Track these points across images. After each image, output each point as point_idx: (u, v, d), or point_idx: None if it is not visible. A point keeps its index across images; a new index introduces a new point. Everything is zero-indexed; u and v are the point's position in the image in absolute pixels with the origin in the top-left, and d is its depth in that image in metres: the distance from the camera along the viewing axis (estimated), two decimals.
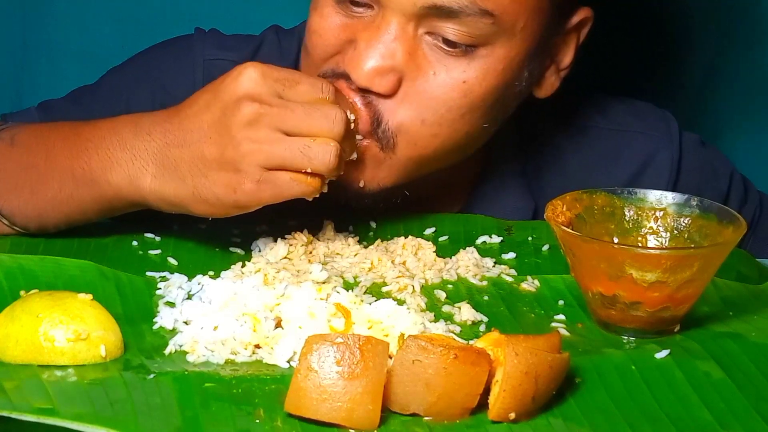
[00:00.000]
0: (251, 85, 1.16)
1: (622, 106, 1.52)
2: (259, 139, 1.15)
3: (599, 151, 1.49)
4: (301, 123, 1.16)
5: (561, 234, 1.13)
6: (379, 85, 1.24)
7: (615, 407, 1.02)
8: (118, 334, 1.06)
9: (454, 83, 1.25)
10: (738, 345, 1.11)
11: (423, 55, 1.25)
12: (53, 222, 1.27)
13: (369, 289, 1.20)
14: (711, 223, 1.16)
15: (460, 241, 1.34)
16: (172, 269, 1.23)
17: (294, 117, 1.16)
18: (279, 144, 1.15)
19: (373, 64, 1.24)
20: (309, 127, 1.16)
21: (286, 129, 1.16)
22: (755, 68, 1.84)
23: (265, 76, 1.16)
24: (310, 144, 1.15)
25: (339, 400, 0.95)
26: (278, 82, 1.17)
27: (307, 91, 1.18)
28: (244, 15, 1.81)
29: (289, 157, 1.15)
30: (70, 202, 1.24)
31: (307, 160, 1.15)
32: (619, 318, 1.13)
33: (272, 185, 1.16)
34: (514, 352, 0.97)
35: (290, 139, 1.16)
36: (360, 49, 1.24)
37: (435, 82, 1.25)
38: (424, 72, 1.25)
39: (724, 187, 1.52)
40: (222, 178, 1.16)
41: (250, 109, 1.15)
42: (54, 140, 1.26)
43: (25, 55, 1.85)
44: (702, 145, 1.53)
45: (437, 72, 1.25)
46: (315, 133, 1.16)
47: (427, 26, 1.24)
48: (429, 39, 1.25)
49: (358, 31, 1.25)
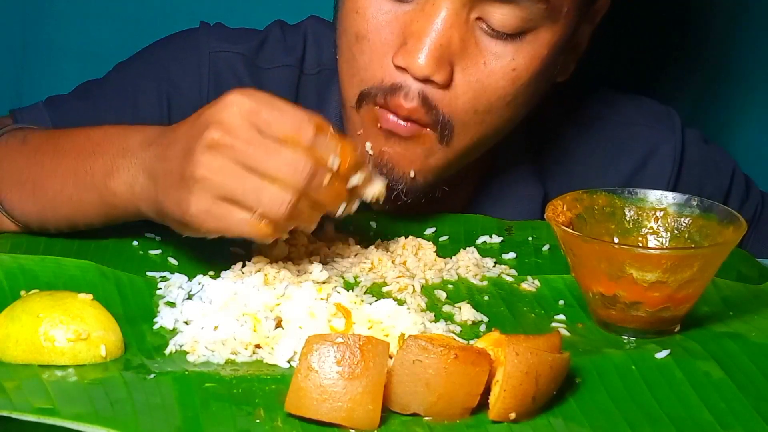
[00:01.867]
0: (227, 113, 1.09)
1: (627, 100, 1.53)
2: (215, 168, 1.09)
3: (604, 142, 1.49)
4: (261, 163, 1.08)
5: (561, 234, 1.13)
6: (438, 75, 1.23)
7: (615, 407, 1.02)
8: (118, 334, 1.06)
9: (504, 72, 1.25)
10: (738, 345, 1.11)
11: (474, 42, 1.24)
12: (53, 222, 1.26)
13: (369, 289, 1.20)
14: (711, 223, 1.16)
15: (461, 241, 1.34)
16: (173, 269, 1.23)
17: (256, 154, 1.08)
18: (234, 179, 1.08)
19: (431, 54, 1.22)
20: (267, 168, 1.08)
21: (246, 165, 1.08)
22: (758, 68, 1.84)
23: (243, 107, 1.09)
24: (265, 187, 1.08)
25: (339, 400, 0.95)
26: (257, 114, 1.09)
27: (284, 129, 1.09)
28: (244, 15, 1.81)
29: (241, 195, 1.08)
30: (70, 203, 1.24)
31: (256, 202, 1.08)
32: (619, 318, 1.13)
33: (218, 218, 1.10)
34: (515, 352, 0.97)
35: (246, 176, 1.08)
36: (416, 40, 1.23)
37: (486, 71, 1.25)
38: (476, 61, 1.25)
39: (725, 183, 1.53)
40: (176, 196, 1.12)
41: (215, 135, 1.09)
42: (64, 142, 1.26)
43: (25, 55, 1.85)
44: (704, 141, 1.53)
45: (487, 61, 1.25)
46: (273, 176, 1.08)
47: (479, 11, 1.23)
48: (481, 24, 1.24)
49: (408, 24, 1.24)
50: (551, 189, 1.46)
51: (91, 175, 1.21)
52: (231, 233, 1.11)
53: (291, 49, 1.47)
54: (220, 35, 1.48)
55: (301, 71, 1.47)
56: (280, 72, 1.47)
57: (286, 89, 1.46)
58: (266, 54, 1.47)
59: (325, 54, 1.41)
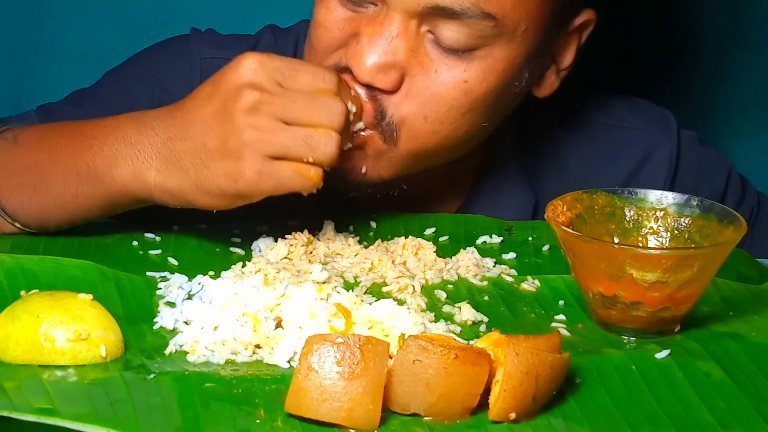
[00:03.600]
0: (251, 74, 1.16)
1: (621, 103, 1.53)
2: (261, 127, 1.15)
3: (599, 146, 1.49)
4: (302, 113, 1.16)
5: (561, 234, 1.13)
6: (380, 81, 1.24)
7: (615, 407, 1.02)
8: (118, 334, 1.06)
9: (455, 82, 1.26)
10: (738, 345, 1.11)
11: (425, 52, 1.25)
12: (55, 221, 1.27)
13: (369, 289, 1.20)
14: (711, 223, 1.16)
15: (461, 241, 1.34)
16: (173, 269, 1.23)
17: (295, 107, 1.16)
18: (281, 133, 1.15)
19: (375, 60, 1.24)
20: (310, 117, 1.16)
21: (287, 118, 1.16)
22: (756, 69, 1.84)
23: (264, 65, 1.16)
24: (313, 134, 1.16)
25: (339, 400, 0.95)
26: (278, 71, 1.17)
27: (307, 81, 1.17)
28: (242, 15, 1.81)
29: (292, 147, 1.15)
30: (75, 200, 1.24)
31: (309, 149, 1.16)
32: (619, 318, 1.13)
33: (273, 176, 1.16)
34: (515, 352, 0.97)
35: (293, 129, 1.16)
36: (362, 45, 1.24)
37: (437, 80, 1.26)
38: (426, 69, 1.25)
39: (721, 184, 1.53)
40: (224, 168, 1.16)
41: (251, 96, 1.15)
42: (57, 139, 1.26)
43: (25, 55, 1.85)
44: (700, 142, 1.53)
45: (439, 70, 1.25)
46: (316, 123, 1.16)
47: (430, 25, 1.24)
48: (431, 37, 1.25)
49: (362, 26, 1.25)
50: (544, 195, 1.46)
51: (94, 168, 1.22)
52: (285, 189, 1.17)
53: (282, 52, 1.47)
54: (212, 41, 1.49)
55: None
56: None
57: None
58: None
59: None
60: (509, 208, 1.43)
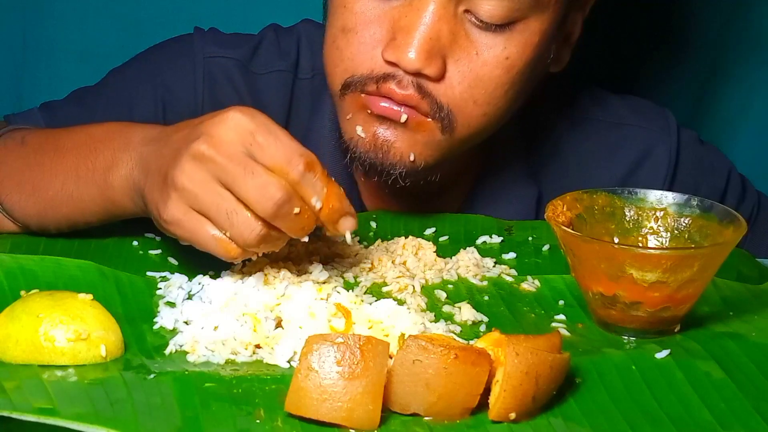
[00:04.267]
0: (227, 129, 1.08)
1: (620, 101, 1.53)
2: (196, 180, 1.08)
3: (598, 143, 1.50)
4: (236, 181, 1.07)
5: (561, 234, 1.13)
6: (429, 68, 1.23)
7: (615, 407, 1.02)
8: (118, 334, 1.06)
9: (497, 60, 1.26)
10: (738, 345, 1.11)
11: (465, 34, 1.25)
12: (53, 222, 1.26)
13: (369, 289, 1.20)
14: (711, 223, 1.16)
15: (461, 241, 1.34)
16: (173, 269, 1.23)
17: (235, 172, 1.07)
18: (210, 194, 1.08)
19: (419, 48, 1.23)
20: (240, 188, 1.07)
21: (224, 181, 1.08)
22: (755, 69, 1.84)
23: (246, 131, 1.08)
24: (237, 211, 1.07)
25: (339, 400, 0.95)
26: (253, 134, 1.08)
27: (274, 157, 1.08)
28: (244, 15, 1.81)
29: (214, 212, 1.08)
30: (71, 201, 1.23)
31: (228, 224, 1.08)
32: (619, 318, 1.13)
33: (191, 230, 1.10)
34: (515, 352, 0.97)
35: (223, 194, 1.08)
36: (405, 34, 1.23)
37: (479, 60, 1.26)
38: (468, 52, 1.25)
39: (721, 183, 1.53)
40: (157, 196, 1.12)
41: (203, 147, 1.08)
42: (64, 141, 1.26)
43: (25, 55, 1.85)
44: (700, 142, 1.54)
45: (480, 51, 1.25)
46: (245, 199, 1.07)
47: (467, 4, 1.24)
48: (469, 17, 1.25)
49: (397, 18, 1.24)
50: (546, 189, 1.46)
51: (92, 171, 1.21)
52: (200, 246, 1.11)
53: (285, 54, 1.48)
54: (215, 40, 1.49)
55: (295, 76, 1.48)
56: (275, 77, 1.47)
57: (281, 94, 1.47)
58: (260, 59, 1.48)
59: (319, 59, 1.42)
60: (513, 199, 1.44)
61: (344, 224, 1.12)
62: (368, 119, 1.28)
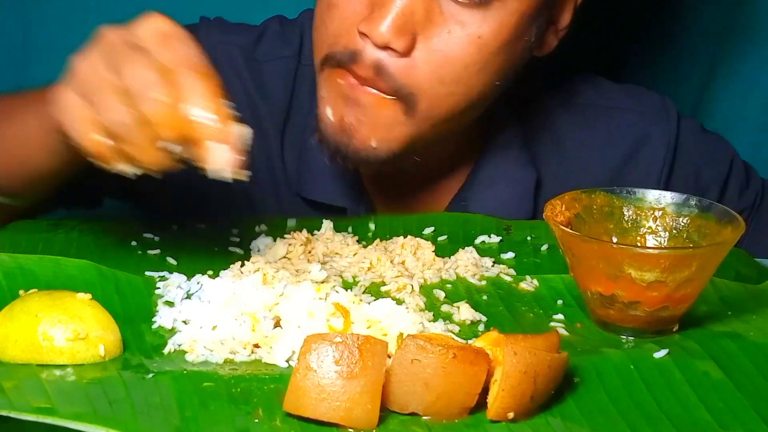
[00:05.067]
0: (145, 25, 1.07)
1: (618, 87, 1.53)
2: (87, 61, 1.06)
3: (595, 128, 1.50)
4: (119, 65, 1.03)
5: (560, 234, 1.13)
6: (397, 42, 1.23)
7: (614, 407, 1.02)
8: (117, 334, 1.06)
9: (469, 39, 1.26)
10: (737, 345, 1.11)
11: (440, 11, 1.25)
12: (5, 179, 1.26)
13: (368, 288, 1.20)
14: (710, 222, 1.16)
15: (459, 241, 1.34)
16: (171, 269, 1.23)
17: (120, 57, 1.04)
18: (93, 75, 1.04)
19: (393, 22, 1.23)
20: (120, 72, 1.03)
21: (110, 65, 1.04)
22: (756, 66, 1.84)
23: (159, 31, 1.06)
24: (109, 94, 1.02)
25: (338, 400, 0.96)
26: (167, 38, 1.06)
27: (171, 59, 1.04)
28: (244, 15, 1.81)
29: (88, 90, 1.04)
30: (16, 139, 1.23)
31: (97, 105, 1.03)
32: (617, 317, 1.13)
33: (62, 107, 1.06)
34: (513, 352, 0.97)
35: (104, 78, 1.03)
36: (380, 8, 1.24)
37: (451, 39, 1.25)
38: (439, 30, 1.25)
39: (724, 170, 1.52)
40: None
41: (112, 36, 1.07)
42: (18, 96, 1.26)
43: (25, 55, 1.85)
44: (702, 129, 1.53)
45: (452, 30, 1.25)
46: (121, 79, 1.03)
47: None
48: None
49: None
50: (544, 174, 1.46)
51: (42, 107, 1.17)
52: (69, 132, 1.05)
53: (288, 42, 1.49)
54: (220, 28, 1.50)
55: (298, 62, 1.48)
56: (278, 63, 1.48)
57: (284, 80, 1.48)
58: (264, 47, 1.49)
59: None
60: (512, 182, 1.44)
61: (215, 153, 1.00)
62: (338, 101, 1.28)
